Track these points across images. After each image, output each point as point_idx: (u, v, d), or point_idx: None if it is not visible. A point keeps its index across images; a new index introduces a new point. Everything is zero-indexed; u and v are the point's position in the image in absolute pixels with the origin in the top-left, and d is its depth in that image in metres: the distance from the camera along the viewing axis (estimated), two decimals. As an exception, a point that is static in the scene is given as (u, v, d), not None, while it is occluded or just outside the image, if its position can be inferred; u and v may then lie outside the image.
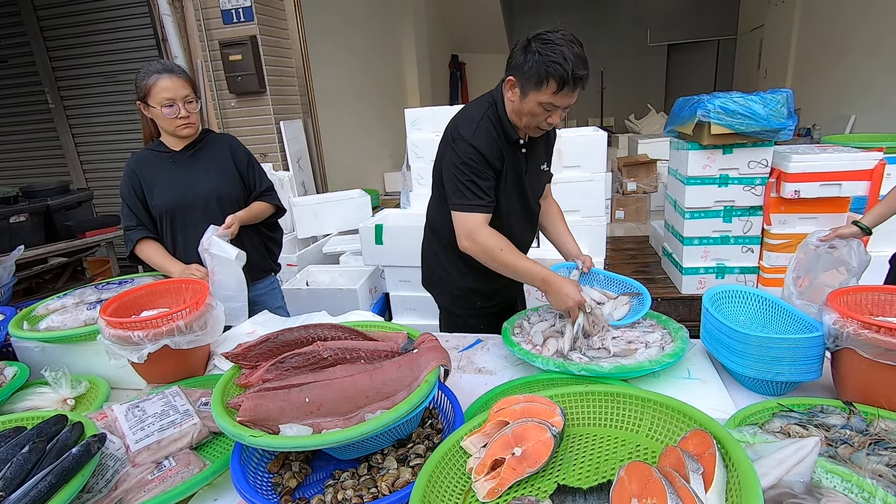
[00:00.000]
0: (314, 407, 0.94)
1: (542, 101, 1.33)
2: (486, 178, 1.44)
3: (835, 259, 1.57)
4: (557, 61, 1.26)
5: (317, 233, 3.88)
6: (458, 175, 1.43)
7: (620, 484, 0.73)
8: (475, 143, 1.41)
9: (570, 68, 1.26)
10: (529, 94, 1.34)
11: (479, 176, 1.43)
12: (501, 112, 1.45)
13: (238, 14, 3.99)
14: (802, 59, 6.56)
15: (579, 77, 1.29)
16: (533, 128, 1.44)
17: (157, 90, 1.68)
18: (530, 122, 1.41)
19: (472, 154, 1.41)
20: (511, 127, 1.46)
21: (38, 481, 0.80)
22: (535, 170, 1.61)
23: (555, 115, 1.39)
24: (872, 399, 0.98)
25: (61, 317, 1.46)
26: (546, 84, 1.30)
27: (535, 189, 1.65)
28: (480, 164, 1.42)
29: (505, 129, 1.46)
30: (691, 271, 3.08)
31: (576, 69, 1.27)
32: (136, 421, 1.05)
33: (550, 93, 1.31)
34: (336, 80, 5.63)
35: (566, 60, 1.26)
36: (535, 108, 1.36)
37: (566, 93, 1.31)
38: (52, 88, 4.82)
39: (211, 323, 1.30)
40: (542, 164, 1.64)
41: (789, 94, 2.59)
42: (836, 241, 1.58)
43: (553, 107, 1.35)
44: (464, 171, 1.42)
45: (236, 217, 1.77)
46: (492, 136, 1.43)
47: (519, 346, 1.31)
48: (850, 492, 0.72)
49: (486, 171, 1.43)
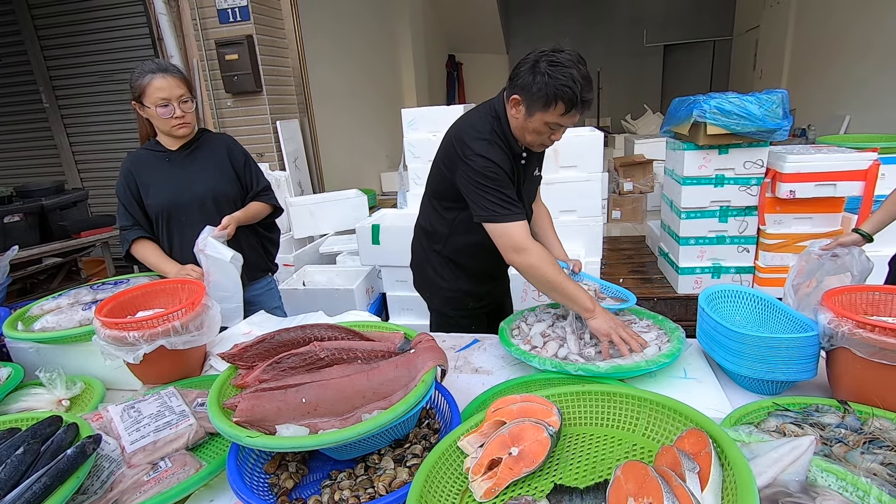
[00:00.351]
0: (311, 407, 0.94)
1: (548, 122, 1.35)
2: (509, 189, 1.44)
3: (837, 266, 1.57)
4: (567, 84, 1.27)
5: (313, 233, 3.87)
6: (485, 189, 1.42)
7: (617, 483, 0.73)
8: (493, 157, 1.41)
9: (580, 91, 1.28)
10: (536, 115, 1.35)
11: (504, 187, 1.43)
12: (505, 126, 1.46)
13: (234, 13, 3.98)
14: (797, 60, 6.60)
15: (587, 100, 1.31)
16: (537, 144, 1.46)
17: (151, 90, 1.67)
18: (535, 140, 1.43)
19: (493, 168, 1.41)
20: (515, 142, 1.48)
21: (32, 483, 0.79)
22: (529, 177, 1.63)
23: (558, 133, 1.41)
24: (867, 398, 0.98)
25: (56, 317, 1.46)
26: (555, 106, 1.31)
27: (530, 196, 1.68)
28: (501, 175, 1.42)
29: (509, 143, 1.47)
30: (687, 271, 3.09)
31: (584, 93, 1.29)
32: (132, 422, 1.04)
33: (558, 114, 1.33)
34: (333, 80, 5.62)
35: (575, 83, 1.27)
36: (541, 128, 1.38)
37: (573, 114, 1.34)
38: (47, 87, 4.79)
39: (207, 323, 1.30)
40: (534, 171, 1.66)
41: (784, 95, 2.60)
42: (837, 249, 1.58)
43: (558, 126, 1.38)
44: (489, 185, 1.41)
45: (233, 218, 1.76)
46: (503, 150, 1.45)
47: (516, 346, 1.31)
48: (844, 490, 0.72)
49: (507, 181, 1.44)
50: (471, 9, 9.15)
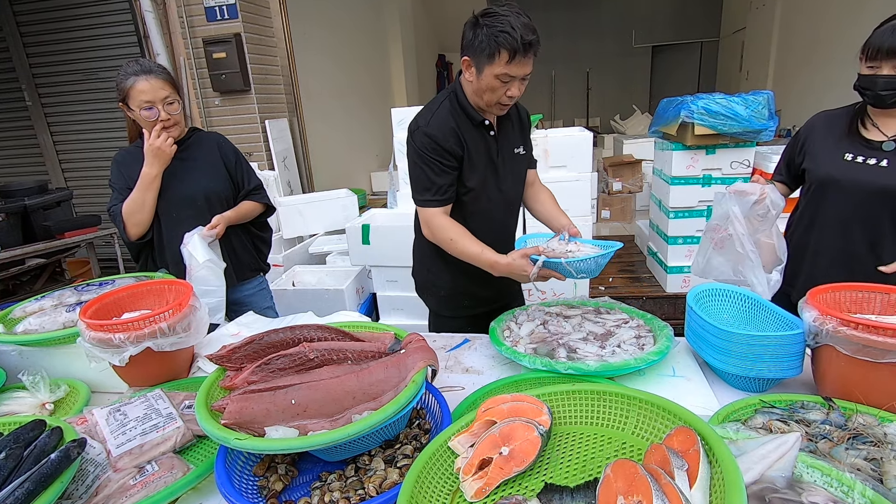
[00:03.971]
0: (300, 409, 0.94)
1: (497, 74, 1.35)
2: (441, 170, 1.47)
3: (745, 203, 1.52)
4: (505, 30, 1.29)
5: (303, 233, 3.85)
6: (415, 170, 1.50)
7: (607, 482, 0.74)
8: (429, 130, 1.45)
9: (519, 35, 1.29)
10: (484, 69, 1.36)
11: (434, 169, 1.46)
12: (462, 98, 1.48)
13: (222, 11, 3.94)
14: (783, 61, 6.69)
15: (529, 42, 1.31)
16: (495, 105, 1.44)
17: (135, 93, 1.64)
18: (491, 99, 1.42)
19: (426, 144, 1.45)
20: (474, 110, 1.48)
21: (15, 488, 0.78)
22: (508, 153, 1.60)
23: (513, 87, 1.39)
24: (851, 394, 1.00)
25: (39, 319, 1.43)
26: (498, 55, 1.32)
27: (512, 172, 1.63)
28: (436, 152, 1.45)
29: (467, 113, 1.49)
30: (676, 270, 3.13)
31: (524, 35, 1.30)
32: (118, 425, 1.03)
33: (504, 63, 1.33)
34: (322, 79, 5.59)
35: (514, 29, 1.29)
36: (493, 82, 1.37)
37: (519, 61, 1.33)
38: (30, 85, 4.71)
39: (194, 325, 1.28)
40: (515, 148, 1.62)
41: (770, 96, 2.64)
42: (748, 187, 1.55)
43: (509, 77, 1.36)
44: (419, 166, 1.48)
45: (223, 217, 1.75)
46: (447, 122, 1.46)
47: (506, 345, 1.32)
48: (829, 486, 0.73)
49: (441, 160, 1.46)
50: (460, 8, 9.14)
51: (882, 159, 1.47)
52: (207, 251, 1.67)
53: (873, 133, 1.50)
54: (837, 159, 1.54)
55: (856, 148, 1.52)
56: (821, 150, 1.59)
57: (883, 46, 1.37)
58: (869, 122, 1.52)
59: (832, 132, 1.58)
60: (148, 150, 1.66)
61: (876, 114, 1.51)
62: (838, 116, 1.60)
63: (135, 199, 1.70)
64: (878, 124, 1.50)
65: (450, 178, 1.49)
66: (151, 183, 1.70)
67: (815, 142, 1.61)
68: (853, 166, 1.51)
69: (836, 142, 1.56)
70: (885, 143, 1.47)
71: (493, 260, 1.42)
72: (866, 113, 1.53)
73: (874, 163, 1.48)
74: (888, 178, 1.45)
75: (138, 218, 1.72)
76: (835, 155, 1.55)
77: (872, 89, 1.42)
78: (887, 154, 1.46)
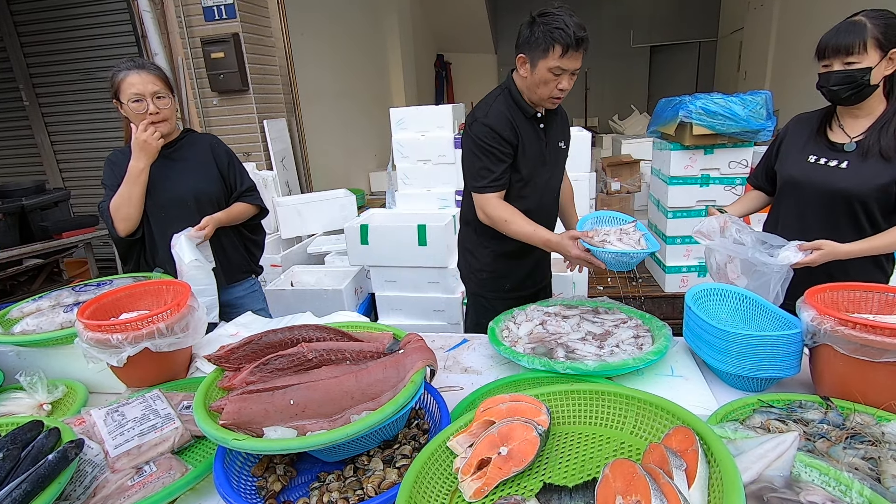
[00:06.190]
0: (299, 409, 0.94)
1: (550, 67, 1.49)
2: (498, 158, 1.60)
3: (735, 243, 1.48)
4: (560, 27, 1.44)
5: (301, 233, 3.84)
6: (472, 160, 1.64)
7: (605, 481, 0.74)
8: (487, 121, 1.59)
9: (572, 32, 1.44)
10: (538, 63, 1.51)
11: (491, 158, 1.60)
12: (515, 93, 1.63)
13: (220, 11, 3.93)
14: (780, 61, 6.70)
15: (581, 38, 1.46)
16: (547, 98, 1.57)
17: (125, 86, 1.65)
18: (545, 92, 1.55)
19: (485, 133, 1.59)
20: (527, 103, 1.63)
21: (12, 489, 0.78)
22: (554, 145, 1.75)
23: (564, 80, 1.53)
24: (848, 394, 1.00)
25: (37, 320, 1.42)
26: (552, 49, 1.47)
27: (557, 161, 1.79)
28: (495, 140, 1.58)
29: (521, 106, 1.63)
30: (674, 270, 3.13)
31: (576, 32, 1.45)
32: (116, 426, 1.03)
33: (557, 57, 1.47)
34: (321, 79, 5.58)
35: (567, 26, 1.44)
36: (546, 75, 1.51)
37: (571, 55, 1.47)
38: (27, 85, 4.69)
39: (192, 325, 1.28)
40: (559, 142, 1.77)
41: (768, 96, 2.64)
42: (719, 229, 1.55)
43: (561, 70, 1.50)
44: (477, 155, 1.62)
45: (212, 219, 1.74)
46: (504, 114, 1.60)
47: (505, 345, 1.32)
48: (827, 485, 0.73)
49: (499, 147, 1.59)
50: (459, 8, 9.15)
51: (843, 161, 1.47)
52: (193, 251, 1.67)
53: (838, 135, 1.51)
54: (802, 161, 1.56)
55: (820, 150, 1.53)
56: (791, 152, 1.61)
57: (829, 45, 1.43)
58: (836, 123, 1.53)
59: (802, 134, 1.60)
60: (134, 143, 1.66)
61: (843, 115, 1.52)
62: (810, 119, 1.62)
63: (121, 194, 1.69)
64: (843, 126, 1.51)
65: (504, 165, 1.62)
66: (138, 177, 1.69)
67: (788, 144, 1.64)
68: (814, 168, 1.52)
69: (804, 144, 1.58)
70: (846, 145, 1.48)
71: (546, 238, 1.57)
72: (835, 115, 1.54)
73: (834, 164, 1.49)
74: (845, 180, 1.46)
75: (125, 212, 1.70)
76: (800, 157, 1.57)
77: (827, 86, 1.45)
78: (848, 155, 1.47)
